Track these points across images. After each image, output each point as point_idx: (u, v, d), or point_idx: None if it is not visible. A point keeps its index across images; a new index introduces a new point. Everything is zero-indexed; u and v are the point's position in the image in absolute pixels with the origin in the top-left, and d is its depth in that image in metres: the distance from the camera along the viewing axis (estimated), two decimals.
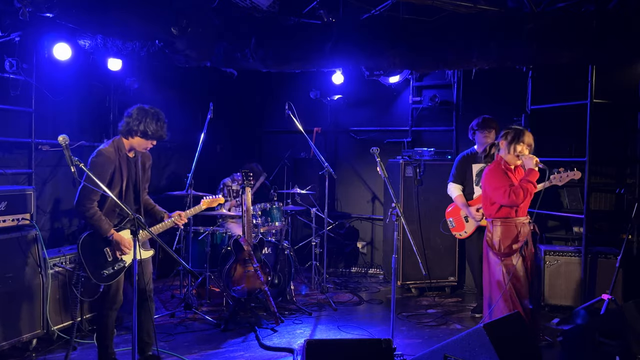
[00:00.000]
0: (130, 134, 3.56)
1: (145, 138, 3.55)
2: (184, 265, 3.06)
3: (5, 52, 4.57)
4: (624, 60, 4.96)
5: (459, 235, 5.29)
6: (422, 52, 5.02)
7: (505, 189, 3.78)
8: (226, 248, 5.37)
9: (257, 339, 4.52)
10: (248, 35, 4.96)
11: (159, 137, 3.59)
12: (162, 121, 3.60)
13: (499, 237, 3.90)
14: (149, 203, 3.89)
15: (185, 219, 3.85)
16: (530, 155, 3.91)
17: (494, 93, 6.20)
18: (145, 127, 3.51)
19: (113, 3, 4.17)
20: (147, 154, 3.82)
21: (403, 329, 4.84)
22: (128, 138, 3.58)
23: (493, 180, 3.91)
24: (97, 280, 3.53)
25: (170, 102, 6.13)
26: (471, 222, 5.11)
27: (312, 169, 7.05)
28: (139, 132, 3.52)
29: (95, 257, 3.53)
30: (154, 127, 3.54)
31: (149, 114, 3.56)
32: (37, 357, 4.08)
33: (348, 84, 6.55)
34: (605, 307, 4.49)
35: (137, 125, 3.51)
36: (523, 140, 3.94)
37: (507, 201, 3.79)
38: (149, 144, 3.62)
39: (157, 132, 3.56)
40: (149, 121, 3.53)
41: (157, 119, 3.57)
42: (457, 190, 5.18)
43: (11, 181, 4.76)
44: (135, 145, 3.61)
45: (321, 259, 6.22)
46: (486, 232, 4.07)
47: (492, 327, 3.17)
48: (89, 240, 3.53)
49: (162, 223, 3.79)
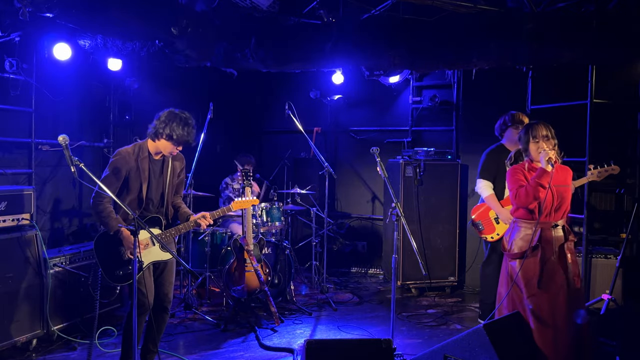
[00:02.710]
0: (156, 136, 3.52)
1: (170, 142, 3.50)
2: (184, 265, 3.04)
3: (5, 52, 4.57)
4: (624, 60, 4.96)
5: (491, 238, 4.70)
6: (422, 52, 5.02)
7: (514, 190, 3.56)
8: (226, 248, 5.37)
9: (257, 339, 4.52)
10: (248, 35, 4.96)
11: (185, 142, 3.53)
12: (190, 126, 3.52)
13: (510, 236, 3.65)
14: (179, 206, 3.79)
15: (211, 220, 3.70)
16: (547, 151, 3.45)
17: (494, 93, 6.19)
18: (172, 130, 3.47)
19: (113, 3, 4.16)
20: (180, 156, 3.76)
21: (403, 329, 4.84)
22: (155, 140, 3.54)
23: (509, 180, 3.70)
24: (112, 280, 3.48)
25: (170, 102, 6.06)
26: (502, 224, 4.61)
27: (312, 169, 7.05)
28: (165, 135, 3.49)
29: (110, 256, 3.47)
30: (180, 132, 3.47)
31: (177, 118, 3.50)
32: (37, 357, 4.08)
33: (348, 84, 6.56)
34: (605, 307, 4.49)
35: (163, 128, 3.48)
36: (535, 135, 3.56)
37: (515, 202, 3.57)
38: (174, 148, 3.55)
39: (182, 137, 3.49)
40: (176, 125, 3.47)
41: (185, 124, 3.50)
42: (488, 189, 4.60)
43: (11, 181, 4.76)
44: (162, 148, 3.56)
45: (321, 259, 6.22)
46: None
47: (492, 327, 3.17)
48: (103, 238, 3.48)
49: (185, 223, 3.67)
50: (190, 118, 3.58)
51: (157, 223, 3.58)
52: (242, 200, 4.00)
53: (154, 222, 3.57)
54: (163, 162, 3.66)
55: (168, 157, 3.66)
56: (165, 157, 3.65)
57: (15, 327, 3.96)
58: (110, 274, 3.48)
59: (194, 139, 3.60)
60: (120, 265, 3.48)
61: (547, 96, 5.83)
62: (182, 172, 3.82)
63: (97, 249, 3.49)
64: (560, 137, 3.69)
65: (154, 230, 3.55)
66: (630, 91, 5.43)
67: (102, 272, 3.48)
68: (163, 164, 3.66)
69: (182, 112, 3.57)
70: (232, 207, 3.92)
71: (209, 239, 5.43)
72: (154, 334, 3.68)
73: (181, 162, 3.80)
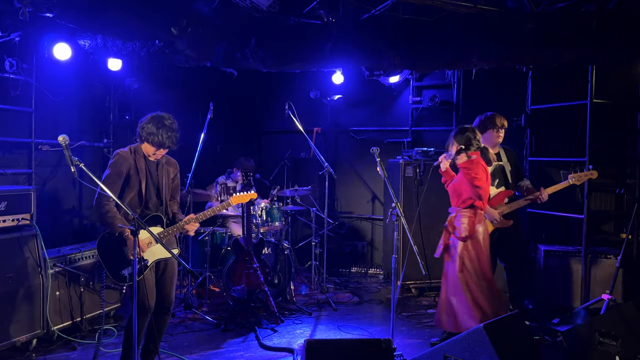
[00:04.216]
0: (140, 138, 3.55)
1: (151, 145, 3.49)
2: (184, 265, 3.04)
3: (5, 52, 4.57)
4: (624, 60, 4.96)
5: None
6: (422, 52, 5.02)
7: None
8: (226, 248, 5.37)
9: (257, 339, 4.52)
10: (248, 35, 4.96)
11: (162, 144, 3.47)
12: (170, 130, 3.47)
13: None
14: (174, 213, 3.77)
15: (198, 224, 3.68)
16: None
17: (494, 93, 6.19)
18: (149, 134, 3.46)
19: (113, 3, 4.17)
20: (172, 161, 3.76)
21: (403, 329, 4.84)
22: (143, 143, 3.56)
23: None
24: (117, 280, 3.49)
25: (170, 102, 6.12)
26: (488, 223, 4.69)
27: (312, 169, 7.05)
28: (144, 137, 3.50)
29: (113, 256, 3.48)
30: (158, 137, 3.44)
31: (156, 121, 3.47)
32: (37, 357, 4.08)
33: (348, 84, 6.55)
34: (605, 307, 4.49)
35: (143, 131, 3.50)
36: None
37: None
38: (156, 151, 3.52)
39: (159, 140, 3.45)
40: (155, 129, 3.45)
41: (163, 127, 3.45)
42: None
43: (11, 181, 4.76)
44: (145, 151, 3.57)
45: (321, 259, 6.22)
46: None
47: (492, 327, 3.17)
48: (106, 239, 3.48)
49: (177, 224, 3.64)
50: (171, 121, 3.51)
51: (158, 221, 3.59)
52: (241, 195, 3.98)
53: (155, 221, 3.58)
54: (157, 164, 3.67)
55: (162, 160, 3.67)
56: (159, 160, 3.66)
57: (15, 327, 3.96)
58: (114, 274, 3.48)
59: (174, 143, 3.53)
60: (124, 265, 3.48)
61: (547, 96, 5.83)
62: (176, 177, 3.81)
63: (100, 250, 3.49)
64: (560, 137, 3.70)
65: (156, 228, 3.56)
66: (630, 91, 5.43)
67: (107, 272, 3.49)
68: (157, 165, 3.67)
69: (164, 116, 3.52)
70: (232, 202, 3.91)
71: (209, 239, 5.43)
72: (155, 334, 3.68)
73: (174, 167, 3.79)
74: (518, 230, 4.67)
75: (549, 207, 5.43)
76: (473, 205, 4.17)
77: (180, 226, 3.63)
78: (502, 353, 3.05)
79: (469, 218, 4.16)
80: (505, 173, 4.67)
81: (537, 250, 5.59)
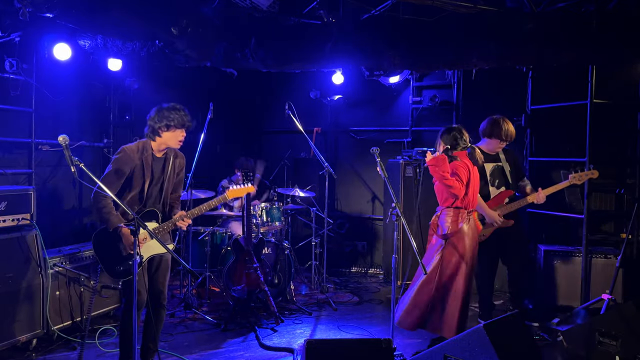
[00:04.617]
0: (155, 133, 3.56)
1: (172, 129, 3.55)
2: (184, 265, 3.05)
3: (5, 52, 4.57)
4: (624, 60, 4.96)
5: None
6: (422, 52, 5.02)
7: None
8: (226, 248, 5.37)
9: (257, 338, 4.52)
10: (248, 35, 4.96)
11: (183, 124, 3.57)
12: (180, 110, 3.59)
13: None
14: (172, 206, 3.79)
15: (190, 220, 3.70)
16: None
17: (494, 93, 6.19)
18: (167, 120, 3.52)
19: (113, 3, 4.17)
20: (180, 154, 3.79)
21: (403, 329, 4.83)
22: (156, 139, 3.58)
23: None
24: (113, 276, 3.52)
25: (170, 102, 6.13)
26: (487, 224, 4.67)
27: (312, 169, 7.05)
28: (164, 126, 3.53)
29: (109, 251, 3.49)
30: (174, 116, 3.54)
31: (165, 107, 3.58)
32: (37, 357, 4.08)
33: (348, 84, 6.55)
34: (605, 307, 4.49)
35: (159, 122, 3.53)
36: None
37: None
38: (179, 134, 3.59)
39: (179, 119, 3.55)
40: (168, 113, 3.54)
41: (174, 109, 3.57)
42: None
43: (11, 181, 4.76)
44: (168, 141, 3.59)
45: (321, 259, 6.22)
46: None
47: (492, 327, 3.17)
48: (102, 234, 3.49)
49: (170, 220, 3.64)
50: (176, 104, 3.64)
51: (154, 216, 3.60)
52: (238, 189, 3.95)
53: (150, 216, 3.58)
54: (165, 160, 3.67)
55: (171, 154, 3.68)
56: (167, 154, 3.67)
57: (15, 326, 3.96)
58: (110, 269, 3.50)
59: (190, 121, 3.63)
60: (120, 261, 3.50)
61: (547, 96, 5.84)
62: (182, 171, 3.84)
63: (95, 246, 3.51)
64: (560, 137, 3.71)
65: (152, 224, 3.58)
66: (630, 91, 5.43)
67: (102, 268, 3.51)
68: (165, 162, 3.67)
69: (170, 104, 3.63)
70: (228, 196, 3.86)
71: (209, 238, 5.43)
72: (153, 332, 3.70)
73: (182, 159, 3.82)
74: (518, 230, 4.68)
75: (549, 207, 5.43)
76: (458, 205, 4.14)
77: (173, 222, 3.66)
78: (502, 353, 3.05)
79: (452, 217, 4.15)
80: (505, 173, 4.67)
81: (537, 250, 5.59)
